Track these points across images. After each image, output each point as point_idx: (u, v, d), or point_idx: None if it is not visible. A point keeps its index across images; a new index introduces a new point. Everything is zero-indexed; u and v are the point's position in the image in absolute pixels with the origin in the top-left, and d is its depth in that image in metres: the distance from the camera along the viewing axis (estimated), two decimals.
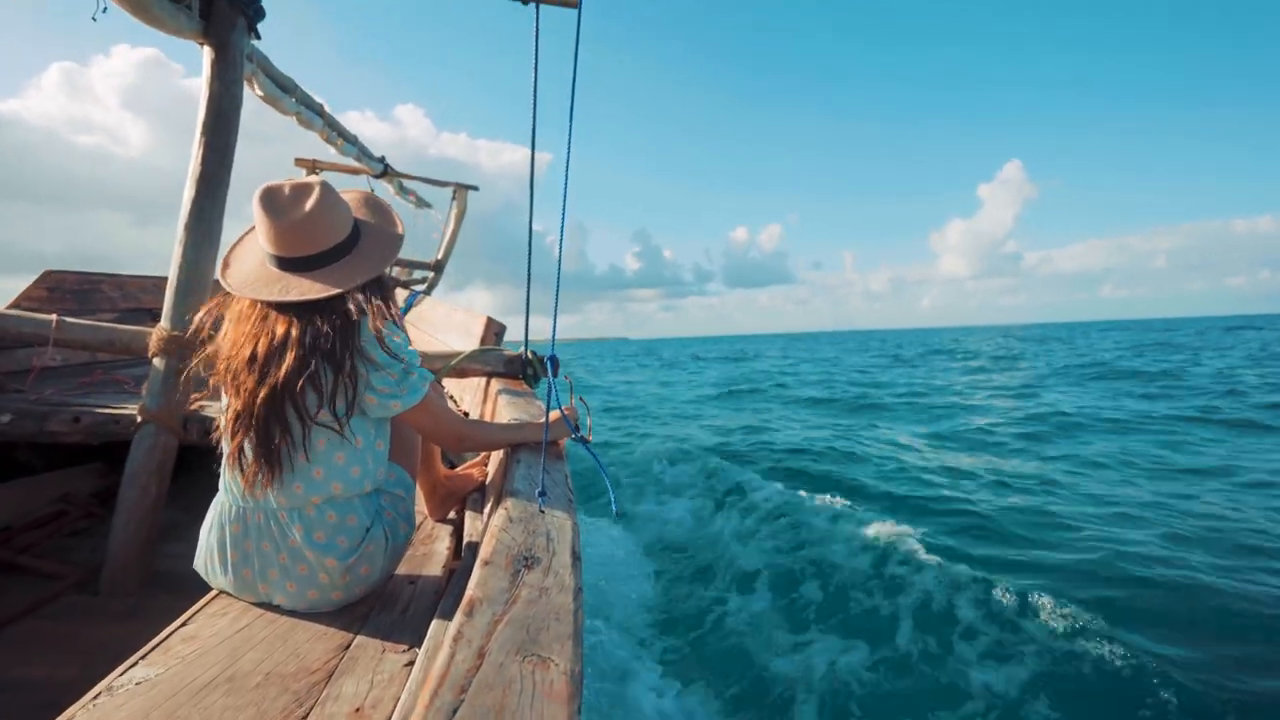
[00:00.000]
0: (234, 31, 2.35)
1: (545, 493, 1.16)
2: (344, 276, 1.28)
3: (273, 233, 1.26)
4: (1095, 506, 6.49)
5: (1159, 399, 14.20)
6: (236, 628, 1.23)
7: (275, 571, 1.26)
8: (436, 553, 1.66)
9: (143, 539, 2.11)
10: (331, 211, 1.30)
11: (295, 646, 1.19)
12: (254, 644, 1.18)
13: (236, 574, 1.28)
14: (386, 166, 5.02)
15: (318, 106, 3.48)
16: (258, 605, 1.32)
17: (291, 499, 1.24)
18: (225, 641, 1.18)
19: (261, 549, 1.25)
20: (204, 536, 1.33)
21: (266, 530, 1.25)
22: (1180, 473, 7.85)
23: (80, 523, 2.53)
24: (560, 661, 0.66)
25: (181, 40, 2.26)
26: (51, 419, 2.30)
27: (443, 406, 1.41)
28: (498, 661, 0.64)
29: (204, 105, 2.31)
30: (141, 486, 2.14)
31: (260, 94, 2.88)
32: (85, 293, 3.83)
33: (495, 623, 0.71)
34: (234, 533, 1.27)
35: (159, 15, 2.04)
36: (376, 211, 1.46)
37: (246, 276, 1.29)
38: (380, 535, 1.32)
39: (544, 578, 0.85)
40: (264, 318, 1.24)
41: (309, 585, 1.26)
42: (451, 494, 1.87)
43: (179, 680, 1.05)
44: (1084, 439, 10.23)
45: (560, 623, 0.73)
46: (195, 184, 2.29)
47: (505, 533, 0.99)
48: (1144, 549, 5.20)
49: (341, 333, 1.22)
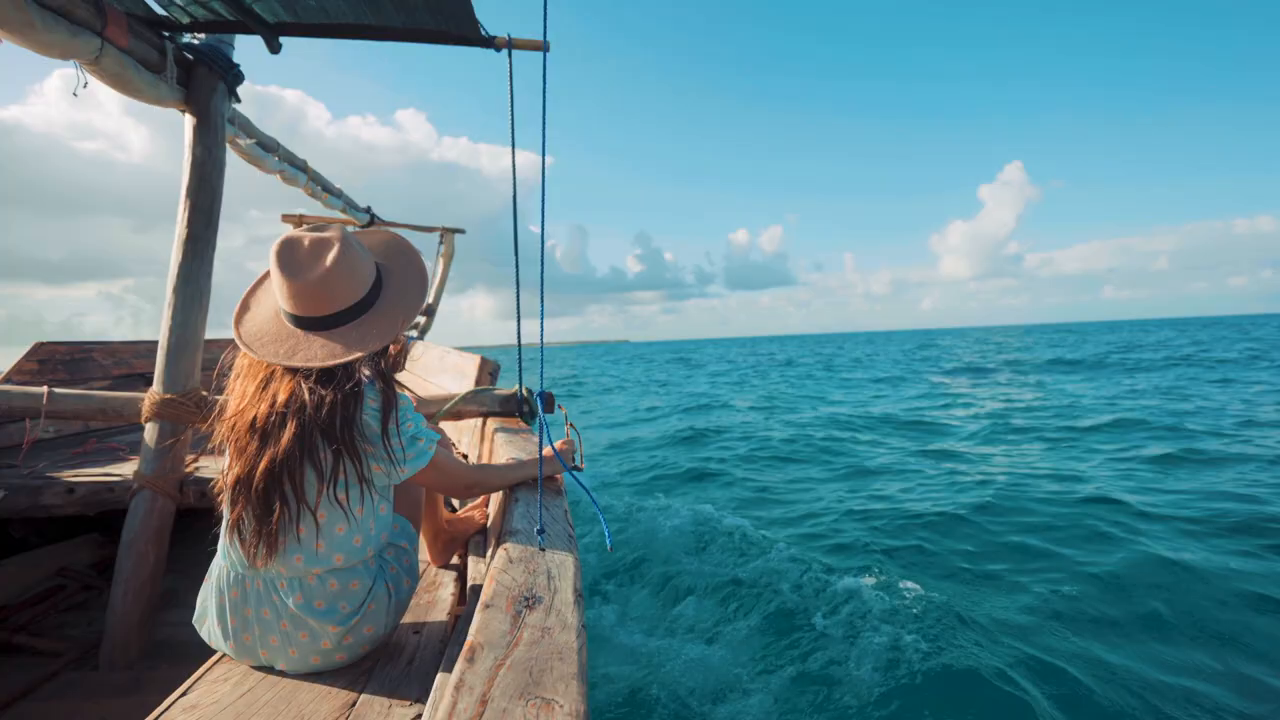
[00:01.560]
0: (214, 97, 2.39)
1: (544, 530, 1.15)
2: (358, 339, 1.22)
3: (289, 291, 1.22)
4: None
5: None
6: (239, 693, 1.20)
7: (275, 638, 1.23)
8: (441, 599, 1.64)
9: (142, 608, 2.07)
10: (349, 269, 1.24)
11: (300, 709, 1.16)
12: (258, 709, 1.16)
13: (237, 639, 1.25)
14: (373, 217, 5.07)
15: (301, 163, 3.53)
16: (259, 669, 1.29)
17: (291, 569, 1.21)
18: (228, 708, 1.15)
19: (262, 615, 1.23)
20: (202, 598, 1.30)
21: (266, 598, 1.22)
22: None
23: (78, 596, 2.49)
24: (565, 703, 0.64)
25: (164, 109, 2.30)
26: (45, 492, 2.28)
27: (451, 461, 1.38)
28: (501, 707, 0.63)
29: (187, 169, 2.34)
30: (139, 554, 2.11)
31: (244, 154, 2.93)
32: (76, 362, 3.82)
33: (497, 667, 0.70)
34: (233, 598, 1.24)
35: (140, 86, 2.08)
36: (402, 261, 1.39)
37: (259, 330, 1.25)
38: (383, 592, 1.30)
39: (546, 617, 0.84)
40: (268, 380, 1.21)
41: (312, 651, 1.24)
42: (454, 539, 1.85)
43: None
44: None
45: (564, 663, 0.72)
46: (182, 247, 2.30)
47: (505, 574, 0.98)
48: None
49: (345, 402, 1.18)
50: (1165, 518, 5.89)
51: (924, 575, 4.89)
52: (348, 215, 4.76)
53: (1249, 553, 4.98)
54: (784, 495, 7.69)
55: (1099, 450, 9.06)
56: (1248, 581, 4.46)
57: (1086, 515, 6.01)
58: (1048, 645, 3.81)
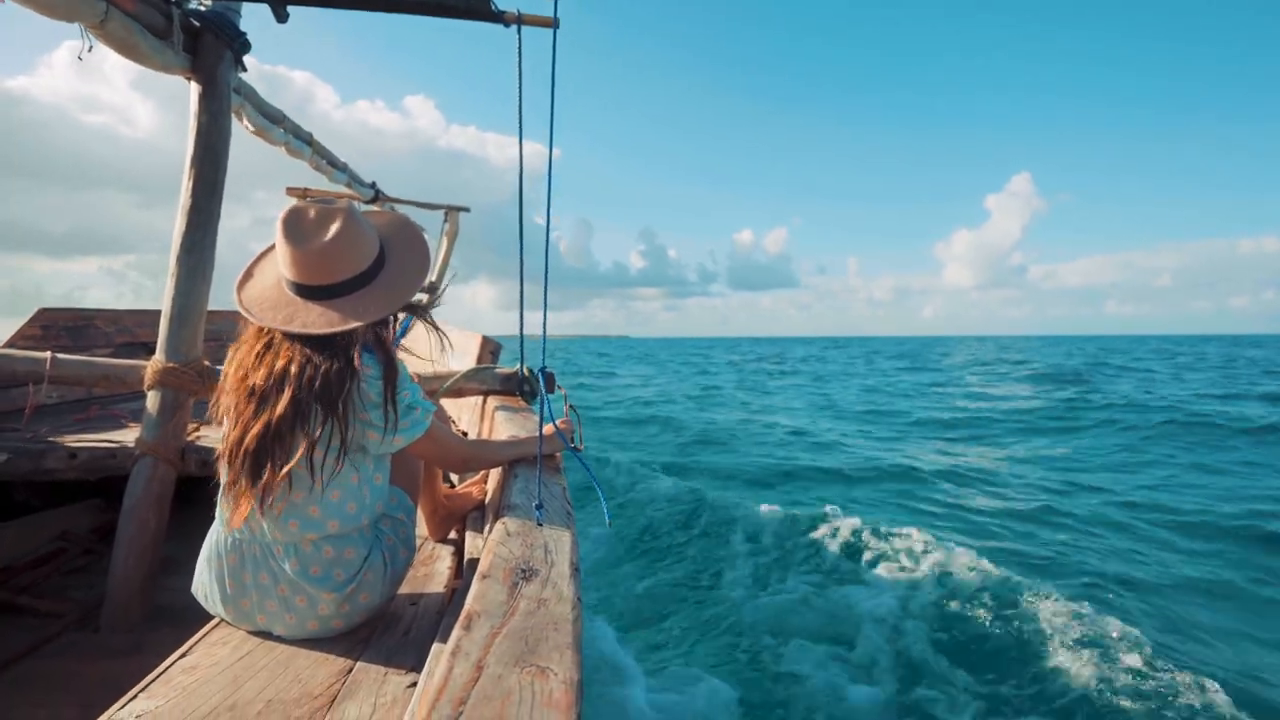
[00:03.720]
0: (220, 65, 2.38)
1: (542, 505, 1.16)
2: (357, 310, 1.24)
3: (291, 258, 1.24)
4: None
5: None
6: (237, 656, 1.22)
7: (273, 603, 1.25)
8: (438, 572, 1.66)
9: (143, 573, 2.09)
10: (353, 240, 1.26)
11: (297, 673, 1.18)
12: (255, 672, 1.17)
13: (235, 605, 1.27)
14: (378, 192, 5.05)
15: (306, 136, 3.51)
16: (256, 634, 1.31)
17: (287, 534, 1.23)
18: (226, 670, 1.17)
19: (259, 581, 1.24)
20: (201, 566, 1.32)
21: (264, 563, 1.24)
22: None
23: (80, 560, 2.51)
24: (559, 670, 0.65)
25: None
26: (48, 456, 2.29)
27: (446, 433, 1.40)
28: (496, 673, 0.64)
29: (192, 139, 2.33)
30: (140, 520, 2.13)
31: (249, 126, 2.91)
32: (80, 329, 3.83)
33: (493, 635, 0.71)
34: (231, 564, 1.26)
35: (146, 52, 2.06)
36: (406, 239, 1.41)
37: (260, 296, 1.27)
38: (379, 562, 1.31)
39: (542, 589, 0.85)
40: (267, 346, 1.22)
41: (308, 616, 1.25)
42: (452, 514, 1.86)
43: (180, 711, 1.04)
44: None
45: (559, 633, 0.73)
46: (186, 216, 2.30)
47: (503, 546, 0.99)
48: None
49: (340, 372, 1.19)
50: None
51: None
52: (352, 190, 4.74)
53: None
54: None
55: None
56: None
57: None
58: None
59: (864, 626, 4.34)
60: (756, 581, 5.22)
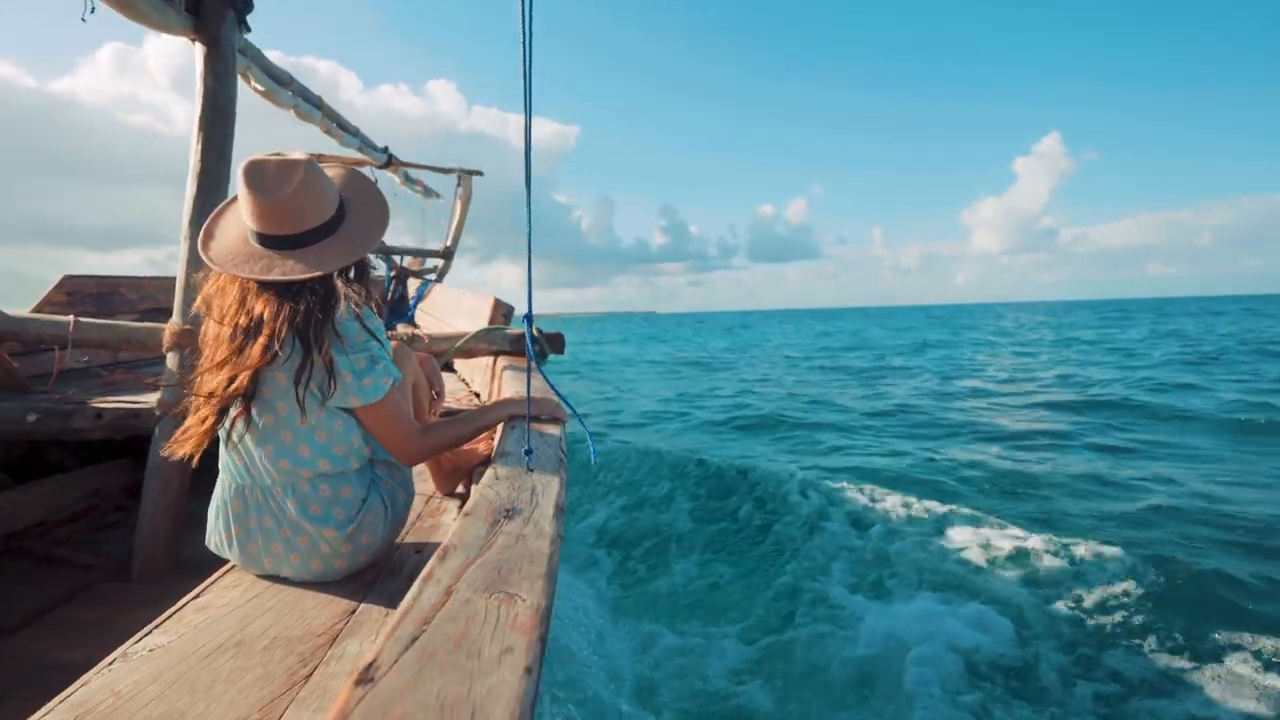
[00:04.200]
0: (224, 25, 2.37)
1: (531, 451, 1.17)
2: (326, 258, 1.28)
3: (256, 210, 1.26)
4: None
5: None
6: (247, 598, 1.27)
7: (278, 545, 1.29)
8: (444, 524, 1.70)
9: (169, 528, 2.18)
10: (317, 191, 1.29)
11: (303, 613, 1.23)
12: (263, 611, 1.22)
13: (243, 549, 1.32)
14: (390, 157, 5.05)
15: (316, 99, 3.50)
16: (266, 578, 1.36)
17: (283, 475, 1.27)
18: (236, 610, 1.22)
19: (263, 524, 1.29)
20: (211, 515, 1.37)
21: (265, 506, 1.29)
22: None
23: (111, 516, 2.62)
24: (528, 597, 0.67)
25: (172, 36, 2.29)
26: (75, 416, 2.38)
27: (398, 415, 1.34)
28: (464, 598, 0.65)
29: (199, 102, 2.34)
30: (164, 478, 2.21)
31: (257, 88, 2.91)
32: (104, 296, 3.93)
33: (466, 564, 0.73)
34: (235, 510, 1.30)
35: (146, 11, 2.07)
36: (362, 190, 1.45)
37: (229, 251, 1.30)
38: (378, 504, 1.35)
39: (523, 526, 0.86)
40: (243, 295, 1.26)
41: (312, 556, 1.30)
42: (457, 468, 1.89)
43: (190, 645, 1.09)
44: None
45: (533, 564, 0.75)
46: (196, 180, 2.33)
47: (490, 489, 1.01)
48: None
49: (319, 314, 1.23)
50: None
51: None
52: (365, 155, 4.74)
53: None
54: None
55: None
56: None
57: None
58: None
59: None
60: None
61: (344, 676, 1.03)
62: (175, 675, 1.00)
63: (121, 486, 2.81)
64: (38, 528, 2.39)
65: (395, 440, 1.36)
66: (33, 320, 2.39)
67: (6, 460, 2.72)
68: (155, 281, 4.41)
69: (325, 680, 1.02)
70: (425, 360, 1.83)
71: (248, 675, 1.01)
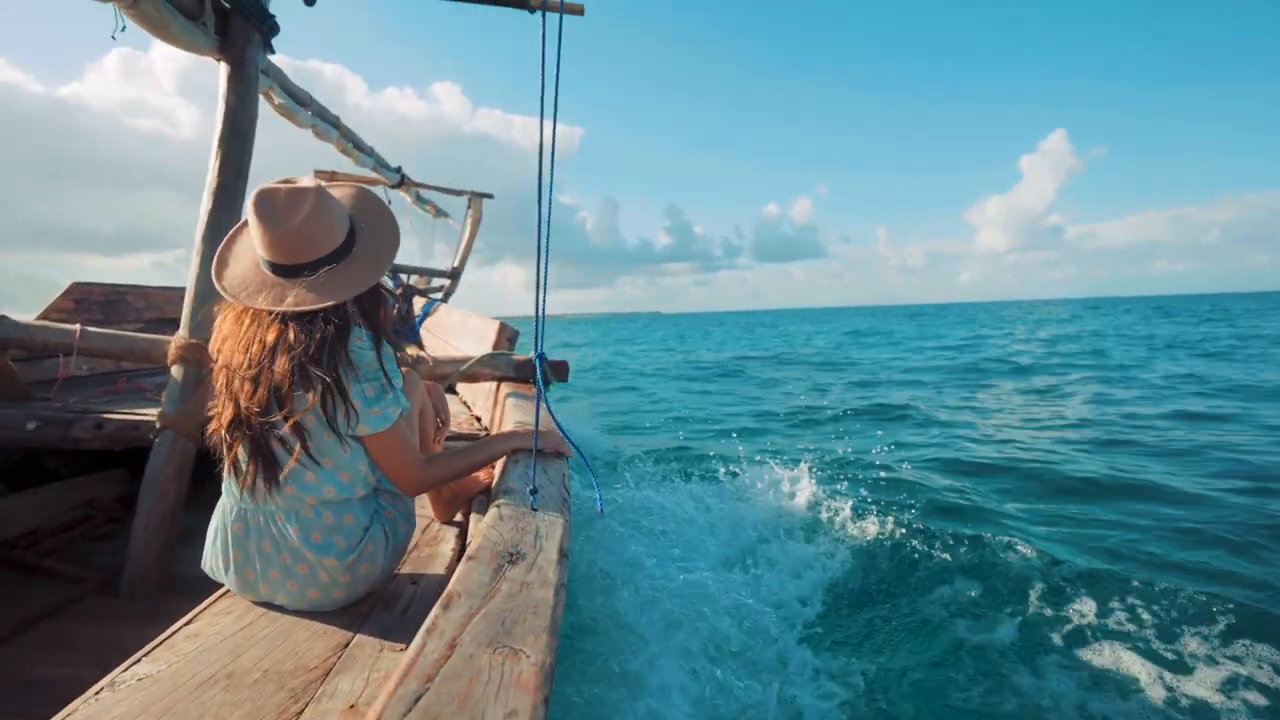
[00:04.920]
0: (249, 47, 2.42)
1: (537, 491, 1.16)
2: (337, 287, 1.28)
3: (267, 240, 1.27)
4: None
5: None
6: (239, 626, 1.25)
7: (276, 572, 1.28)
8: (441, 554, 1.68)
9: (161, 542, 2.16)
10: (326, 219, 1.30)
11: (295, 644, 1.20)
12: (255, 641, 1.20)
13: (240, 574, 1.30)
14: (404, 177, 5.10)
15: (333, 118, 3.55)
16: (261, 604, 1.34)
17: (287, 500, 1.27)
18: (228, 639, 1.20)
19: (263, 549, 1.28)
20: (209, 537, 1.36)
21: (266, 531, 1.27)
22: None
23: (103, 527, 2.60)
24: (532, 654, 0.66)
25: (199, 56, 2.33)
26: (75, 426, 2.37)
27: (403, 445, 1.35)
28: (468, 653, 0.64)
29: (220, 119, 2.37)
30: (160, 491, 2.19)
31: (276, 107, 2.96)
32: (111, 304, 3.95)
33: (470, 615, 0.72)
34: (236, 533, 1.29)
35: (177, 33, 2.11)
36: (372, 210, 1.44)
37: (242, 280, 1.30)
38: (380, 534, 1.34)
39: (527, 573, 0.85)
40: (257, 323, 1.26)
41: (310, 585, 1.28)
42: (457, 496, 1.88)
43: (179, 676, 1.07)
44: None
45: (537, 616, 0.74)
46: (212, 196, 2.35)
47: (494, 530, 1.00)
48: None
49: (332, 342, 1.23)
50: None
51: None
52: (379, 174, 4.80)
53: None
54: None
55: None
56: None
57: None
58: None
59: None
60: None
61: (335, 715, 1.01)
62: (163, 708, 0.98)
63: (115, 497, 2.79)
64: (29, 537, 2.37)
65: (399, 470, 1.36)
66: (40, 328, 2.40)
67: (4, 466, 2.70)
68: (162, 292, 4.43)
69: (316, 718, 0.99)
70: (432, 388, 1.83)
71: (237, 711, 0.99)
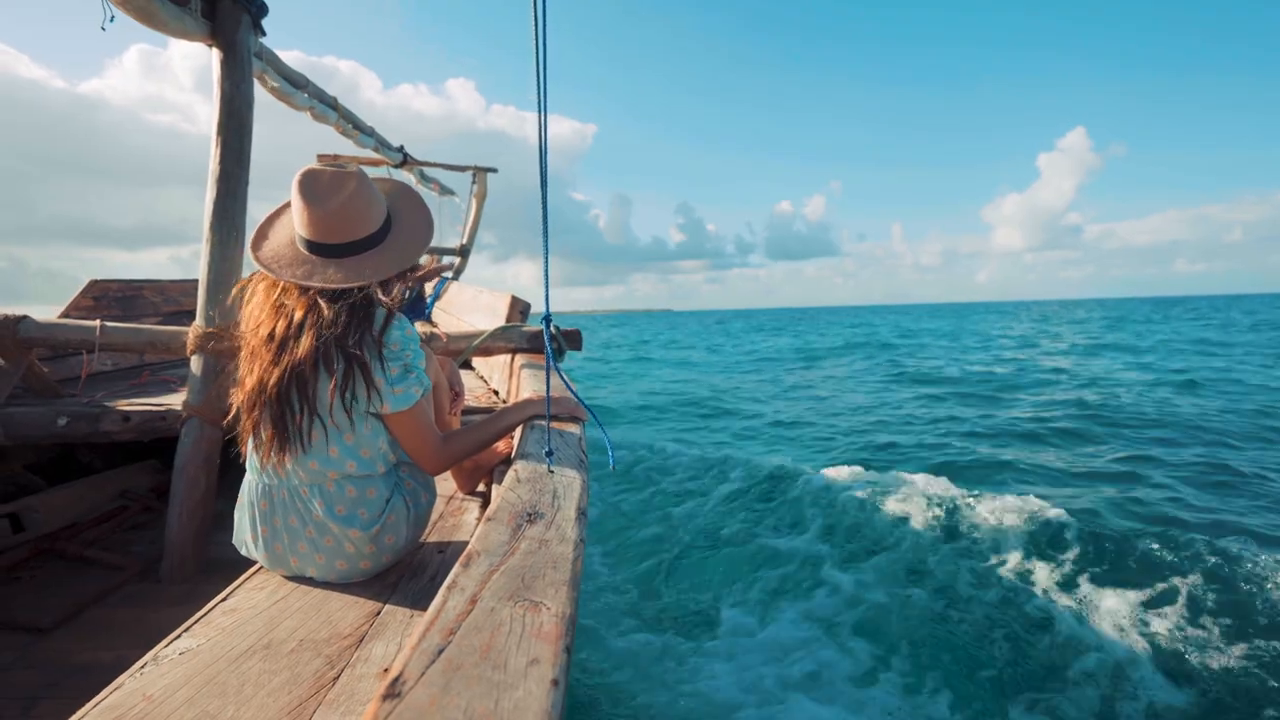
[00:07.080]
0: (239, 30, 2.39)
1: (552, 453, 1.17)
2: (370, 269, 1.30)
3: (307, 218, 1.29)
4: None
5: None
6: (274, 600, 1.29)
7: (304, 545, 1.31)
8: (465, 523, 1.70)
9: (196, 528, 2.21)
10: (366, 203, 1.33)
11: (329, 614, 1.23)
12: (290, 613, 1.23)
13: (269, 549, 1.33)
14: (406, 156, 5.07)
15: (331, 100, 3.52)
16: (293, 578, 1.37)
17: (310, 475, 1.29)
18: (263, 613, 1.24)
19: (289, 524, 1.30)
20: (238, 515, 1.39)
21: (291, 505, 1.30)
22: None
23: (140, 516, 2.67)
24: (553, 605, 0.66)
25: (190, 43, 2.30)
26: (104, 419, 2.42)
27: (424, 424, 1.37)
28: (489, 606, 0.65)
29: (216, 106, 2.36)
30: (191, 479, 2.24)
31: (272, 90, 2.93)
32: (129, 299, 4.00)
33: (491, 572, 0.72)
34: (262, 509, 1.32)
35: (164, 19, 2.09)
36: (409, 205, 1.48)
37: (276, 254, 1.33)
38: (401, 505, 1.36)
39: (546, 531, 0.86)
40: (285, 299, 1.28)
41: (337, 556, 1.31)
42: (479, 467, 1.90)
43: (219, 649, 1.10)
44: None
45: (557, 570, 0.74)
46: (216, 184, 2.35)
47: (511, 491, 1.01)
48: None
49: (359, 323, 1.26)
50: None
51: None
52: (381, 154, 4.77)
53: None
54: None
55: None
56: None
57: None
58: None
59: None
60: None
61: (370, 679, 1.03)
62: (205, 679, 1.01)
63: (149, 488, 2.86)
64: (69, 529, 2.44)
65: (419, 449, 1.38)
66: (61, 326, 2.44)
67: (38, 463, 2.77)
68: (178, 284, 4.48)
69: (353, 683, 1.02)
70: (444, 363, 1.84)
71: (276, 678, 1.02)
